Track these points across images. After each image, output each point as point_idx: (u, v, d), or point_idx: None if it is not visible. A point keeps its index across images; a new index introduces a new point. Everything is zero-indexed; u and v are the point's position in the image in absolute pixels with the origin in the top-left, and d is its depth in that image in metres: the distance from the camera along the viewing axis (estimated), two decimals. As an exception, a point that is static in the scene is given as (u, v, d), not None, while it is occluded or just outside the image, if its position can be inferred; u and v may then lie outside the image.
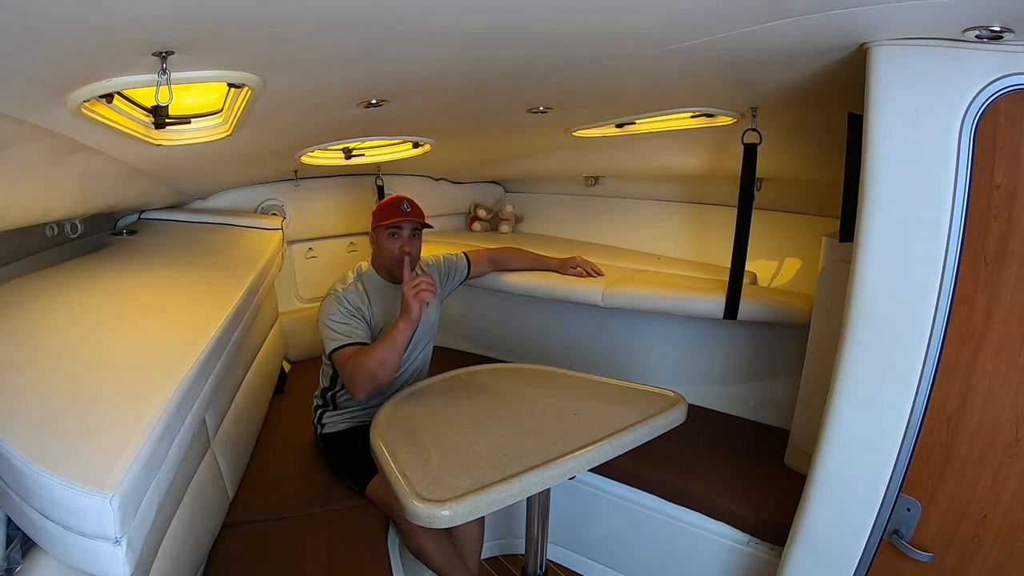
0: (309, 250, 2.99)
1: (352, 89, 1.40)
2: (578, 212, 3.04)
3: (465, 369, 1.83)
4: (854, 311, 1.16)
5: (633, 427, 1.41)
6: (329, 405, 1.95)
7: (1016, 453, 1.04)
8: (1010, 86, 0.97)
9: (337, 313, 1.75)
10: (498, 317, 2.89)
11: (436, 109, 1.73)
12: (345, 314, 1.76)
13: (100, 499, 0.87)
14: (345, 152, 2.30)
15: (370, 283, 1.88)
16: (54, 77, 0.99)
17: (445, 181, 3.23)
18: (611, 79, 1.41)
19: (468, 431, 1.43)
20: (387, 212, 1.86)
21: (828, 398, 1.22)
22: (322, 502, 1.78)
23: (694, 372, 2.35)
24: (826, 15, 0.96)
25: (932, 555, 1.14)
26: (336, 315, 1.75)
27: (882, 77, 1.06)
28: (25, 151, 1.21)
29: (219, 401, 1.71)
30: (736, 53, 1.18)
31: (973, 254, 1.03)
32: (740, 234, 1.87)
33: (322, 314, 1.78)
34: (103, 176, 1.62)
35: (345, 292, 1.81)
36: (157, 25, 0.84)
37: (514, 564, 2.27)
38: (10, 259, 1.72)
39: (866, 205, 1.11)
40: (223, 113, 1.45)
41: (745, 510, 1.75)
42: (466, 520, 1.18)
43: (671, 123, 1.95)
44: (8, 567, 0.99)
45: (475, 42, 1.09)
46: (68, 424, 1.00)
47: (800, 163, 2.04)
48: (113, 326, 1.38)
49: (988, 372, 1.05)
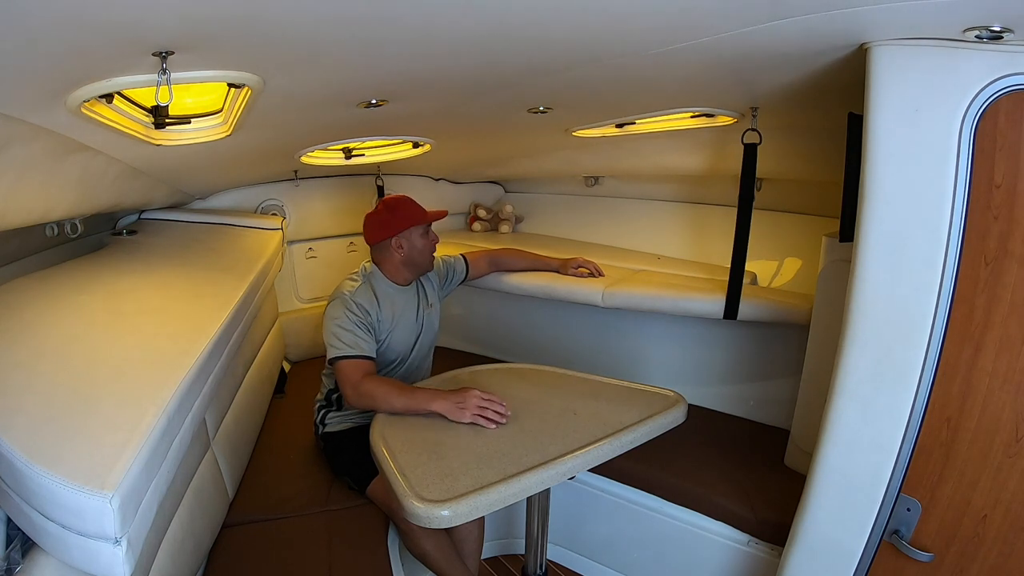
0: (309, 250, 2.98)
1: (352, 89, 1.40)
2: (578, 212, 3.04)
3: (465, 369, 1.82)
4: (854, 311, 1.15)
5: (633, 427, 1.41)
6: (333, 405, 1.94)
7: (1016, 453, 1.04)
8: (1010, 86, 0.96)
9: (345, 319, 1.71)
10: (498, 317, 2.89)
11: (436, 109, 1.72)
12: (353, 322, 1.71)
13: (100, 499, 0.87)
14: (345, 152, 2.29)
15: (379, 286, 1.85)
16: (54, 77, 0.99)
17: (445, 181, 3.23)
18: (611, 79, 1.41)
19: (468, 431, 1.42)
20: (414, 213, 1.85)
21: (828, 398, 1.22)
22: (322, 502, 1.78)
23: (694, 372, 2.35)
24: (826, 15, 0.96)
25: (932, 555, 1.14)
26: (344, 321, 1.70)
27: (882, 77, 1.06)
28: (25, 151, 1.21)
29: (219, 401, 1.71)
30: (736, 53, 1.18)
31: (973, 254, 1.03)
32: (740, 234, 1.87)
33: (328, 318, 1.73)
34: (103, 176, 1.62)
35: (354, 295, 1.76)
36: (157, 25, 0.84)
37: (514, 564, 2.27)
38: (10, 259, 1.72)
39: (866, 205, 1.11)
40: (223, 113, 1.45)
41: (745, 510, 1.75)
42: (466, 520, 1.18)
43: (671, 123, 1.95)
44: (8, 567, 0.99)
45: (475, 42, 1.09)
46: (68, 424, 1.00)
47: (800, 163, 2.04)
48: (113, 326, 1.39)
49: (988, 372, 1.05)
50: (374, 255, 1.89)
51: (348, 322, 1.71)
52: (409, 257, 1.86)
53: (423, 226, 1.86)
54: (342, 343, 1.68)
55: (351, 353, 1.67)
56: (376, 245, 1.87)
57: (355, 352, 1.67)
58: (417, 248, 1.86)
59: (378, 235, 1.85)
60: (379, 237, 1.85)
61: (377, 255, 1.89)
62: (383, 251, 1.86)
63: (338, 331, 1.69)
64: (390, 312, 1.83)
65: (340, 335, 1.69)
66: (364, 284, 1.82)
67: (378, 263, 1.89)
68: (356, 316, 1.72)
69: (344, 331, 1.69)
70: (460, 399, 1.47)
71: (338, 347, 1.68)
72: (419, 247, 1.86)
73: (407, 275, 1.90)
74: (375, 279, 1.86)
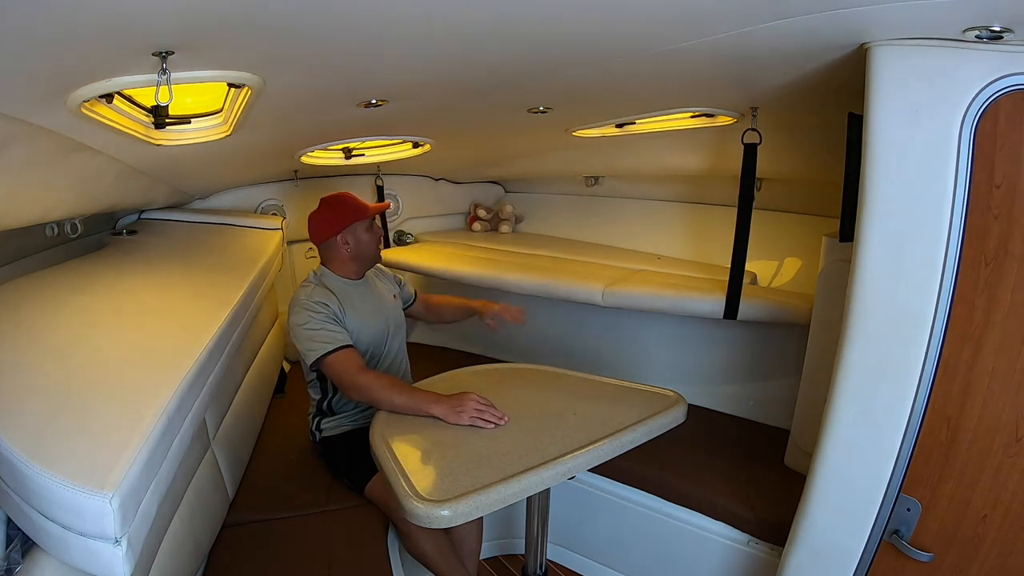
0: (309, 250, 2.98)
1: (352, 89, 1.40)
2: (578, 212, 3.04)
3: (465, 369, 1.82)
4: (854, 311, 1.15)
5: (633, 427, 1.41)
6: (326, 414, 1.94)
7: (1016, 453, 1.04)
8: (1010, 86, 0.96)
9: (310, 320, 1.71)
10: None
11: (436, 109, 1.73)
12: (319, 319, 1.71)
13: (100, 499, 0.87)
14: (345, 152, 2.30)
15: (331, 283, 1.86)
16: (54, 77, 0.99)
17: (445, 181, 3.23)
18: (611, 79, 1.41)
19: (468, 431, 1.43)
20: (356, 207, 1.87)
21: (828, 398, 1.22)
22: (322, 502, 1.78)
23: (694, 372, 2.35)
24: (826, 15, 0.96)
25: (932, 555, 1.14)
26: (310, 322, 1.71)
27: (882, 77, 1.06)
28: (25, 151, 1.21)
29: (219, 401, 1.71)
30: (736, 53, 1.18)
31: (973, 254, 1.03)
32: (740, 234, 1.87)
33: (293, 327, 1.73)
34: (103, 176, 1.62)
35: (310, 296, 1.76)
36: (157, 25, 0.84)
37: (514, 564, 2.27)
38: (10, 259, 1.72)
39: (866, 205, 1.11)
40: (223, 113, 1.45)
41: (745, 510, 1.75)
42: (466, 520, 1.18)
43: (671, 123, 1.95)
44: (8, 567, 0.99)
45: (475, 42, 1.09)
46: (68, 424, 1.00)
47: (800, 163, 2.04)
48: (113, 326, 1.39)
49: (988, 372, 1.05)
50: (322, 254, 1.92)
51: (315, 321, 1.71)
52: (356, 251, 1.88)
53: (367, 220, 1.89)
54: (317, 342, 1.69)
55: (331, 347, 1.68)
56: (323, 244, 1.89)
57: (334, 345, 1.68)
58: (363, 242, 1.88)
59: (324, 233, 1.87)
60: (325, 235, 1.87)
61: (325, 253, 1.91)
62: (330, 249, 1.88)
63: (309, 333, 1.70)
64: (349, 304, 1.83)
65: (313, 336, 1.70)
66: (316, 285, 1.84)
67: (327, 262, 1.91)
68: (319, 313, 1.73)
69: (314, 331, 1.70)
70: (458, 403, 1.48)
71: (316, 347, 1.68)
72: (365, 240, 1.89)
73: (357, 268, 1.92)
74: (326, 278, 1.88)
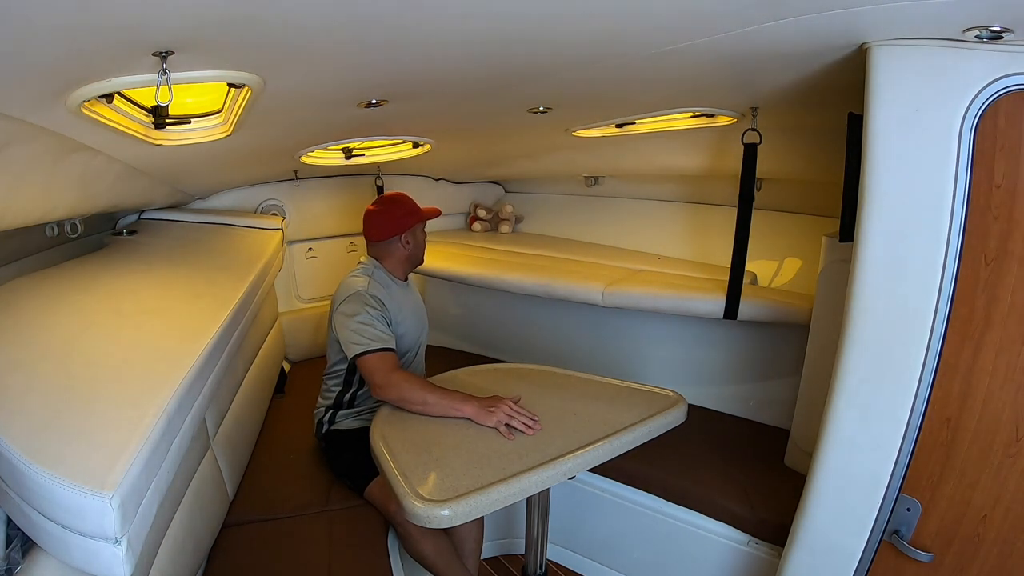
0: (309, 250, 2.99)
1: (352, 89, 1.40)
2: (578, 212, 3.04)
3: (465, 369, 1.82)
4: (854, 311, 1.15)
5: (633, 427, 1.41)
6: (344, 407, 1.92)
7: (1016, 453, 1.04)
8: (1010, 86, 0.97)
9: (365, 315, 1.69)
10: (498, 317, 2.89)
11: (436, 109, 1.72)
12: (374, 316, 1.69)
13: (100, 499, 0.87)
14: (345, 152, 2.29)
15: (383, 281, 1.84)
16: (54, 77, 0.99)
17: (445, 181, 3.23)
18: (611, 79, 1.41)
19: (468, 431, 1.43)
20: (417, 209, 1.89)
21: (828, 398, 1.22)
22: (322, 502, 1.78)
23: (694, 372, 2.35)
24: (826, 15, 0.96)
25: (932, 555, 1.14)
26: (364, 316, 1.68)
27: (882, 77, 1.06)
28: (25, 151, 1.21)
29: (219, 401, 1.71)
30: (736, 53, 1.18)
31: (973, 254, 1.03)
32: (740, 234, 1.87)
33: (346, 315, 1.70)
34: (103, 176, 1.62)
35: (369, 289, 1.74)
36: (157, 25, 0.84)
37: (514, 564, 2.27)
38: (10, 259, 1.72)
39: (866, 205, 1.11)
40: (223, 113, 1.45)
41: (745, 510, 1.75)
42: (466, 520, 1.18)
43: (671, 123, 1.95)
44: (8, 567, 0.99)
45: (475, 42, 1.09)
46: (68, 424, 1.00)
47: (800, 163, 2.04)
48: (113, 326, 1.38)
49: (988, 372, 1.05)
50: (375, 251, 1.89)
51: (369, 317, 1.69)
52: (413, 252, 1.89)
53: (423, 222, 1.91)
54: (365, 338, 1.66)
55: (377, 347, 1.65)
56: (381, 242, 1.87)
57: (380, 345, 1.66)
58: (420, 244, 1.91)
59: (386, 232, 1.85)
60: (387, 234, 1.85)
61: (379, 251, 1.88)
62: (388, 247, 1.87)
63: (359, 327, 1.67)
64: (397, 306, 1.83)
65: (362, 331, 1.67)
66: (373, 279, 1.81)
67: (380, 258, 1.88)
68: (375, 310, 1.71)
69: (366, 326, 1.68)
70: (491, 404, 1.47)
71: (362, 343, 1.66)
72: (422, 243, 1.92)
73: (406, 269, 1.93)
74: (380, 274, 1.85)
